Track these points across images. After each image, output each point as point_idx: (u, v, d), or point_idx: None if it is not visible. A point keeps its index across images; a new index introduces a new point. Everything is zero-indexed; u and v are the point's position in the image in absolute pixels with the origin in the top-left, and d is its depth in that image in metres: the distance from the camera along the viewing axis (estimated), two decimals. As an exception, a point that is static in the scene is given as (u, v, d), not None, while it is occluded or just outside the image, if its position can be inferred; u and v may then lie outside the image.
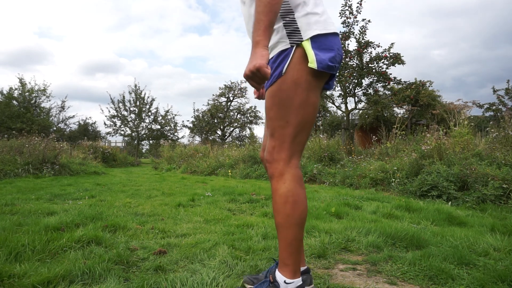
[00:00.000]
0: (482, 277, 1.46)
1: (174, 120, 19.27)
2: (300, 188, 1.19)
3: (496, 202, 3.34)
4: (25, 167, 6.86)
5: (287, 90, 1.17)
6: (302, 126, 1.19)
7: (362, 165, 5.93)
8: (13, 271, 1.42)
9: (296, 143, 1.20)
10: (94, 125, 23.66)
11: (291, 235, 1.17)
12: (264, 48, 1.07)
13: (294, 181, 1.18)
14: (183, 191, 4.71)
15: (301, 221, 1.18)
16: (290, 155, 1.20)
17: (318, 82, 1.20)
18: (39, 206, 3.10)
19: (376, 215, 2.89)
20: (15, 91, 17.38)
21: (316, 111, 1.22)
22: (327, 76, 1.23)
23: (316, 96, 1.20)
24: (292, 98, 1.17)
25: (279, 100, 1.18)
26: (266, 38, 1.09)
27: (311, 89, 1.18)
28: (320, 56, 1.15)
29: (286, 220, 1.17)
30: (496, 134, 5.10)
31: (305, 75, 1.17)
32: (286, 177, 1.18)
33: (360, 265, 1.72)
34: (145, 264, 1.65)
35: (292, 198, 1.17)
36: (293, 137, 1.19)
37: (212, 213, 2.99)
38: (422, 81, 11.58)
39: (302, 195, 1.19)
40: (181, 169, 10.04)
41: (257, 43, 1.08)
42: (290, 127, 1.18)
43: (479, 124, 10.06)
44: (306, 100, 1.18)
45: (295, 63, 1.17)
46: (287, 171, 1.18)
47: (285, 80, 1.17)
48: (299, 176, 1.20)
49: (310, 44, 1.15)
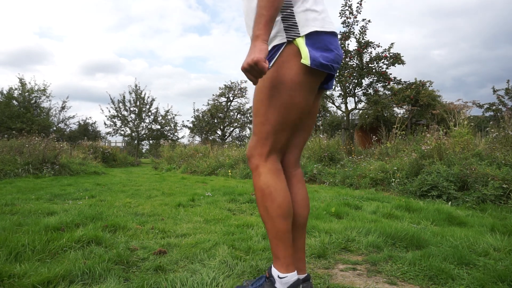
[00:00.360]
0: (482, 277, 1.46)
1: (174, 120, 19.29)
2: (276, 180, 1.17)
3: (496, 202, 3.34)
4: (25, 167, 6.86)
5: (270, 87, 1.14)
6: (282, 126, 1.17)
7: (362, 165, 5.93)
8: (13, 271, 1.42)
9: (275, 141, 1.19)
10: (94, 125, 23.70)
11: (275, 227, 1.17)
12: (264, 42, 1.06)
13: (270, 173, 1.17)
14: (183, 191, 4.71)
15: (281, 212, 1.16)
16: (268, 152, 1.19)
17: (310, 81, 1.16)
18: (39, 206, 3.10)
19: (376, 215, 2.89)
20: (15, 91, 17.39)
21: (300, 112, 1.18)
22: (322, 76, 1.20)
23: (303, 96, 1.16)
24: (274, 96, 1.14)
25: (262, 97, 1.16)
26: (267, 33, 1.07)
27: (297, 89, 1.14)
28: (313, 53, 1.12)
29: (266, 212, 1.18)
30: (496, 134, 5.10)
31: (292, 74, 1.13)
32: (261, 171, 1.18)
33: (360, 265, 1.72)
34: (145, 264, 1.65)
35: (267, 190, 1.16)
36: (272, 135, 1.17)
37: (212, 213, 2.99)
38: (422, 81, 11.58)
39: (278, 186, 1.17)
40: (181, 169, 10.04)
41: (257, 37, 1.06)
42: (269, 125, 1.16)
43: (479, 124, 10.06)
44: (289, 100, 1.14)
45: (283, 61, 1.14)
46: (262, 165, 1.18)
47: (270, 77, 1.14)
48: (276, 169, 1.19)
49: (304, 41, 1.13)
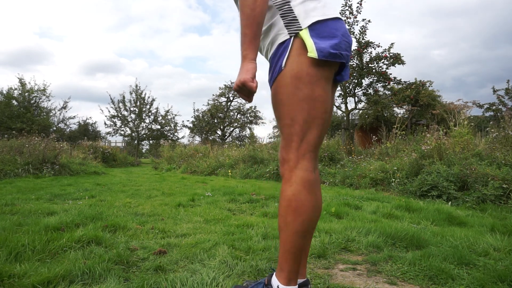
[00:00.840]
0: (482, 277, 1.46)
1: (174, 120, 19.30)
2: (306, 194, 1.08)
3: (496, 202, 3.34)
4: (25, 167, 6.86)
5: (288, 85, 1.09)
6: (309, 123, 1.09)
7: (362, 165, 5.93)
8: (13, 271, 1.42)
9: (306, 142, 1.10)
10: (94, 125, 23.70)
11: (290, 242, 1.10)
12: (251, 62, 1.08)
13: (301, 185, 1.08)
14: (183, 191, 4.71)
15: (302, 229, 1.09)
16: (300, 156, 1.10)
17: (324, 73, 1.10)
18: (39, 206, 3.10)
19: (376, 215, 2.89)
20: (15, 91, 17.40)
21: (325, 105, 1.11)
22: (335, 66, 1.13)
23: (322, 89, 1.10)
24: (294, 93, 1.08)
25: (281, 97, 1.11)
26: (252, 51, 1.09)
27: (315, 82, 1.08)
28: (320, 44, 1.06)
29: (285, 225, 1.10)
30: (496, 134, 5.10)
31: (306, 67, 1.07)
32: (293, 180, 1.09)
33: (360, 265, 1.72)
34: (145, 264, 1.65)
35: (294, 204, 1.08)
36: (301, 135, 1.10)
37: (212, 213, 2.99)
38: (422, 81, 11.59)
39: (307, 202, 1.08)
40: (181, 169, 10.04)
41: (244, 57, 1.09)
42: (296, 125, 1.09)
43: (479, 124, 10.06)
44: (310, 95, 1.08)
45: (294, 55, 1.09)
46: (295, 174, 1.10)
47: (285, 74, 1.10)
48: (309, 181, 1.09)
49: (308, 33, 1.08)
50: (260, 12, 1.08)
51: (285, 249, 1.11)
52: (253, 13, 1.08)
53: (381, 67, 9.48)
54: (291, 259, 1.11)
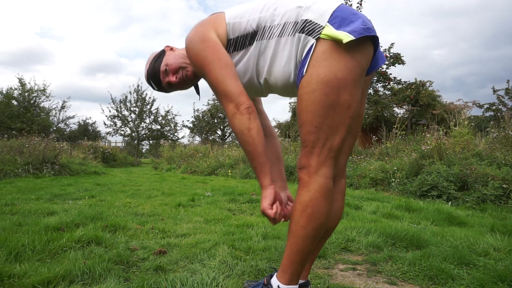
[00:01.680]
0: (482, 277, 1.46)
1: (174, 120, 19.30)
2: (323, 201, 1.08)
3: (496, 202, 3.34)
4: (25, 167, 6.86)
5: (310, 92, 1.05)
6: (333, 129, 1.07)
7: (362, 165, 5.93)
8: (13, 271, 1.42)
9: (327, 148, 1.07)
10: (94, 125, 23.71)
11: (299, 246, 1.10)
12: (266, 189, 1.11)
13: (319, 192, 1.07)
14: (183, 191, 4.71)
15: (314, 234, 1.09)
16: (320, 162, 1.08)
17: (356, 68, 1.05)
18: (39, 206, 3.10)
19: (376, 215, 2.89)
20: (14, 91, 17.40)
21: (351, 111, 1.07)
22: (369, 49, 1.07)
23: (350, 93, 1.05)
24: (320, 100, 1.04)
25: (306, 104, 1.07)
26: (265, 179, 1.11)
27: (343, 87, 1.04)
28: (347, 28, 1.01)
29: (298, 229, 1.09)
30: (496, 134, 5.10)
31: (335, 71, 1.03)
32: (311, 186, 1.08)
33: (360, 265, 1.72)
34: (145, 264, 1.65)
35: (311, 209, 1.07)
36: (323, 142, 1.07)
37: (212, 213, 2.99)
38: (422, 81, 11.58)
39: (323, 208, 1.08)
40: (181, 169, 10.04)
41: (261, 186, 1.13)
42: (320, 132, 1.06)
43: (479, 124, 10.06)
44: (336, 100, 1.04)
45: (316, 60, 1.04)
46: (315, 180, 1.08)
47: (310, 81, 1.05)
48: (327, 188, 1.08)
49: (331, 27, 1.03)
50: (259, 145, 1.10)
51: (292, 252, 1.11)
52: (254, 148, 1.11)
53: (381, 67, 9.49)
54: (297, 262, 1.11)
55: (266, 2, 1.17)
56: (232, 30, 1.19)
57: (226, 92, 1.14)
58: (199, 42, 1.19)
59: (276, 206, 1.10)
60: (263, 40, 1.13)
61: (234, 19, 1.19)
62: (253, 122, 1.12)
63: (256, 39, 1.15)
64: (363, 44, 1.05)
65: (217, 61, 1.16)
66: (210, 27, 1.21)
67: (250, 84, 1.23)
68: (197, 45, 1.19)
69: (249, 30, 1.16)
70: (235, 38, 1.19)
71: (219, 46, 1.18)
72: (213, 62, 1.16)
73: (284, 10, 1.11)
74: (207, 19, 1.25)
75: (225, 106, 1.15)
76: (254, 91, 1.27)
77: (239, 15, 1.19)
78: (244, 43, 1.17)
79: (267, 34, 1.13)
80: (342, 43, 1.01)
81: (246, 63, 1.19)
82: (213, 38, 1.19)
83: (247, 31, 1.16)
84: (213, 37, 1.19)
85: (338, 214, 1.26)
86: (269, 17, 1.13)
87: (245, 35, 1.17)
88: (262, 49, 1.14)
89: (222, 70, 1.15)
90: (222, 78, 1.15)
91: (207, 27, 1.21)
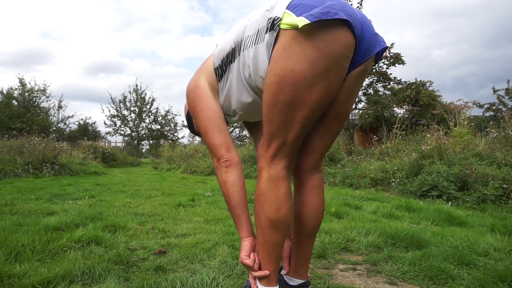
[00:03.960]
0: (482, 277, 1.46)
1: (174, 120, 19.29)
2: (273, 189, 1.07)
3: (496, 202, 3.34)
4: (25, 167, 6.86)
5: (267, 84, 1.01)
6: (285, 125, 1.03)
7: (362, 165, 5.93)
8: (13, 271, 1.42)
9: (279, 142, 1.05)
10: (94, 125, 23.70)
11: (263, 236, 1.10)
12: (242, 241, 1.17)
13: (269, 181, 1.07)
14: (183, 191, 4.71)
15: (270, 224, 1.07)
16: (272, 155, 1.07)
17: (315, 66, 0.93)
18: (39, 206, 3.10)
19: (376, 215, 2.89)
20: (15, 91, 17.41)
21: (306, 109, 0.99)
22: (341, 46, 0.93)
23: (306, 89, 0.96)
24: (271, 94, 1.00)
25: (263, 95, 1.05)
26: (241, 231, 1.18)
27: (298, 82, 0.95)
28: (307, 14, 0.91)
29: (256, 219, 1.12)
30: (496, 134, 5.10)
31: (286, 66, 0.95)
32: (263, 175, 1.09)
33: (360, 265, 1.71)
34: (145, 264, 1.65)
35: (261, 197, 1.08)
36: (275, 135, 1.05)
37: (212, 213, 2.99)
38: (422, 81, 11.59)
39: (272, 195, 1.06)
40: (181, 169, 10.04)
41: (240, 237, 1.19)
42: (273, 125, 1.04)
43: (479, 124, 10.06)
44: (289, 96, 0.97)
45: (277, 51, 0.97)
46: (266, 170, 1.09)
47: (268, 72, 1.01)
48: (277, 176, 1.07)
49: (291, 15, 0.94)
50: (233, 198, 1.15)
51: (259, 245, 1.13)
52: (229, 200, 1.16)
53: (381, 67, 9.47)
54: (267, 256, 1.11)
55: (243, 20, 1.19)
56: (217, 58, 1.21)
57: (208, 144, 1.21)
58: (191, 90, 1.25)
59: (254, 255, 1.14)
60: (243, 52, 1.12)
61: (218, 47, 1.22)
62: (229, 175, 1.16)
63: (236, 56, 1.15)
64: (330, 30, 0.91)
65: (200, 112, 1.21)
66: (201, 71, 1.27)
67: (251, 101, 1.20)
68: (189, 94, 1.26)
69: (228, 50, 1.17)
70: (220, 64, 1.21)
71: (204, 94, 1.22)
72: (199, 112, 1.22)
73: (255, 18, 1.10)
74: (201, 64, 1.31)
75: (212, 158, 1.23)
76: (257, 108, 1.23)
77: (222, 42, 1.22)
78: (227, 63, 1.19)
79: (244, 46, 1.12)
80: (303, 33, 0.92)
81: (236, 82, 1.19)
82: (201, 86, 1.24)
83: (227, 51, 1.17)
84: (201, 84, 1.24)
85: (319, 208, 1.20)
86: (244, 30, 1.13)
87: (226, 56, 1.18)
88: (243, 61, 1.13)
89: (204, 122, 1.20)
90: (204, 130, 1.21)
91: (199, 73, 1.27)
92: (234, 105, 1.24)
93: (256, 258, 1.14)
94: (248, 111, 1.26)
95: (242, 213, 1.17)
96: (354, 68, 1.03)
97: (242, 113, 1.27)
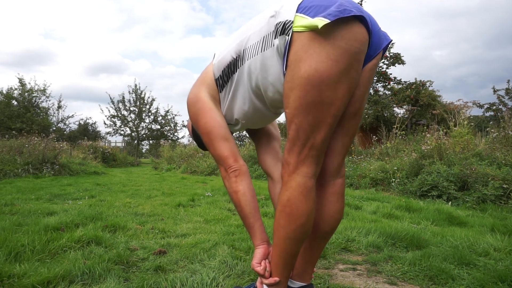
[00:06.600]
0: (482, 277, 1.46)
1: (174, 120, 19.28)
2: (303, 200, 1.02)
3: (496, 202, 3.34)
4: (25, 167, 6.85)
5: (291, 89, 0.99)
6: (314, 127, 0.99)
7: (362, 165, 5.93)
8: (13, 271, 1.42)
9: (307, 147, 1.01)
10: (94, 125, 23.70)
11: (281, 247, 1.07)
12: (256, 248, 1.17)
13: (298, 191, 1.02)
14: (183, 191, 4.70)
15: (295, 236, 1.04)
16: (300, 161, 1.03)
17: (339, 64, 0.93)
18: (39, 206, 3.10)
19: (376, 215, 2.89)
20: (15, 91, 17.41)
21: (334, 108, 0.98)
22: (358, 41, 0.93)
23: (332, 88, 0.95)
24: (297, 97, 0.97)
25: (286, 101, 1.02)
26: (253, 238, 1.18)
27: (324, 81, 0.94)
28: (324, 13, 0.91)
29: (278, 229, 1.07)
30: (496, 134, 5.10)
31: (310, 67, 0.93)
32: (289, 185, 1.04)
33: (360, 265, 1.71)
34: (145, 264, 1.65)
35: (289, 209, 1.03)
36: (304, 140, 1.01)
37: (212, 213, 2.99)
38: (422, 81, 11.58)
39: (302, 208, 1.02)
40: (181, 169, 10.04)
41: (254, 244, 1.19)
42: (300, 129, 1.01)
43: (479, 124, 10.05)
44: (316, 98, 0.95)
45: (296, 54, 0.96)
46: (293, 179, 1.03)
47: (289, 76, 0.99)
48: (306, 187, 1.02)
49: (306, 17, 0.94)
50: (245, 207, 1.16)
51: (275, 253, 1.10)
52: (241, 210, 1.17)
53: (381, 67, 9.48)
54: (282, 264, 1.09)
55: (242, 29, 1.17)
56: (218, 68, 1.20)
57: (214, 156, 1.21)
58: (192, 104, 1.25)
59: (265, 262, 1.14)
60: (247, 61, 1.11)
61: (218, 58, 1.21)
62: (239, 185, 1.17)
63: (239, 65, 1.14)
64: (348, 28, 0.93)
65: (205, 125, 1.21)
66: (201, 83, 1.26)
67: (255, 109, 1.20)
68: (191, 108, 1.26)
69: (229, 60, 1.16)
70: (221, 75, 1.20)
71: (206, 106, 1.22)
72: (203, 126, 1.21)
73: (259, 27, 1.08)
74: (200, 75, 1.30)
75: (218, 167, 1.23)
76: (261, 116, 1.23)
77: (221, 52, 1.21)
78: (229, 74, 1.18)
79: (248, 56, 1.10)
80: (321, 33, 0.92)
81: (239, 91, 1.18)
82: (203, 98, 1.23)
83: (228, 61, 1.16)
84: (202, 96, 1.23)
85: (336, 216, 1.17)
86: (246, 39, 1.11)
87: (227, 66, 1.17)
88: (249, 70, 1.11)
89: (209, 134, 1.20)
90: (210, 142, 1.21)
91: (198, 86, 1.26)
92: (237, 115, 1.24)
93: (268, 266, 1.13)
94: (251, 120, 1.25)
95: (255, 222, 1.17)
96: (367, 63, 1.04)
97: (245, 122, 1.27)
